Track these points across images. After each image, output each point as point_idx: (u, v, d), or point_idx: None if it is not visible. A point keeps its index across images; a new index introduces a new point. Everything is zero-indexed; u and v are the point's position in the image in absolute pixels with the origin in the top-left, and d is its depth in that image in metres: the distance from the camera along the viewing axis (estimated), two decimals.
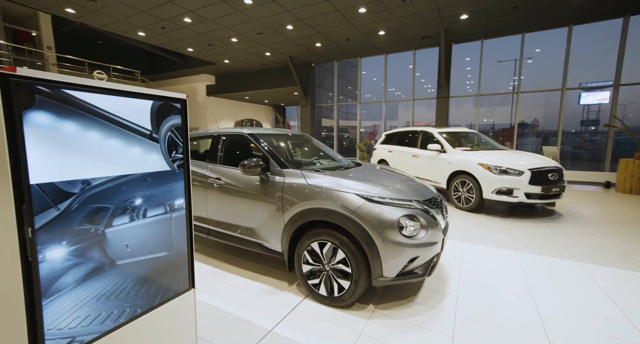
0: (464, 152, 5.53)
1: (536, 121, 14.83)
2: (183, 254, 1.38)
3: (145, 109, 1.18)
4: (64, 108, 0.92)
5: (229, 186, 2.88)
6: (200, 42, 10.06)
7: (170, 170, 1.30)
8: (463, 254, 3.35)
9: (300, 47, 10.31)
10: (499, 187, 4.78)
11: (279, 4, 7.11)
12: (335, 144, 12.94)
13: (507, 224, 4.51)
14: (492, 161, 4.96)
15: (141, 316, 1.22)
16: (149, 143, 1.20)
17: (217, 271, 2.98)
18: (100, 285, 1.07)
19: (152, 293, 1.26)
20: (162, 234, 1.28)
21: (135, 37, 10.00)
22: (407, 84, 11.57)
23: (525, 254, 3.36)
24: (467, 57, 10.96)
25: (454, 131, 6.45)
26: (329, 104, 13.19)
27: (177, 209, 1.34)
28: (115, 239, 1.11)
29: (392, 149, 7.54)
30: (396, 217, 2.14)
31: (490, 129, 13.88)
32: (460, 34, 9.03)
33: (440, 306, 2.33)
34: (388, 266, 2.12)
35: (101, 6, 7.67)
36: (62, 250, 0.95)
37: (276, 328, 2.09)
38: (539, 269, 3.01)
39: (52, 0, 7.51)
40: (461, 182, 5.37)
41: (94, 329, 1.06)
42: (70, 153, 0.95)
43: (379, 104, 11.70)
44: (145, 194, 1.21)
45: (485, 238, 3.89)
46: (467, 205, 5.27)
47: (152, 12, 7.85)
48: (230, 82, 14.90)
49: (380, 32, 8.78)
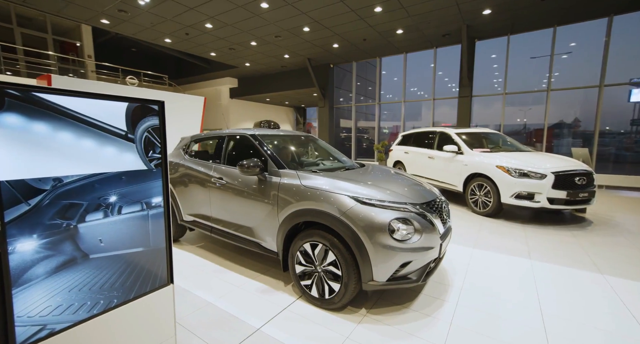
0: (482, 153, 5.26)
1: (577, 121, 13.71)
2: (161, 250, 1.44)
3: (120, 111, 1.24)
4: (34, 110, 1.00)
5: (230, 186, 2.95)
6: (221, 46, 10.42)
7: (147, 169, 1.35)
8: (471, 261, 3.18)
9: (317, 49, 10.35)
10: (519, 191, 4.49)
11: (295, 7, 7.19)
12: (353, 145, 12.84)
13: (526, 231, 4.22)
14: (511, 163, 4.67)
15: (116, 308, 1.28)
16: (124, 143, 1.26)
17: (218, 268, 3.06)
18: (72, 277, 1.14)
19: (128, 286, 1.32)
20: (139, 230, 1.34)
21: (163, 44, 10.57)
22: (430, 84, 11.24)
23: (540, 264, 3.13)
24: (493, 54, 10.44)
25: (474, 132, 6.16)
26: (347, 105, 13.11)
27: (154, 206, 1.39)
28: (88, 234, 1.17)
29: (408, 150, 7.35)
30: (387, 220, 2.08)
31: (523, 129, 13.06)
32: (484, 30, 8.61)
33: (436, 314, 2.23)
34: (378, 270, 2.07)
35: (131, 16, 8.19)
36: (33, 243, 1.03)
37: (264, 327, 2.10)
38: (554, 280, 2.79)
39: (90, 12, 8.13)
40: (478, 186, 5.11)
41: (66, 319, 1.13)
42: (41, 152, 1.02)
43: (401, 104, 11.42)
44: (121, 192, 1.27)
45: (498, 245, 3.67)
46: (484, 209, 5.01)
47: (176, 20, 8.25)
48: (251, 84, 15.29)
49: (398, 31, 8.59)
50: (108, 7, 7.67)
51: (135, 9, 7.63)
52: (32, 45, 12.12)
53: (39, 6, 7.98)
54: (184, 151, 3.72)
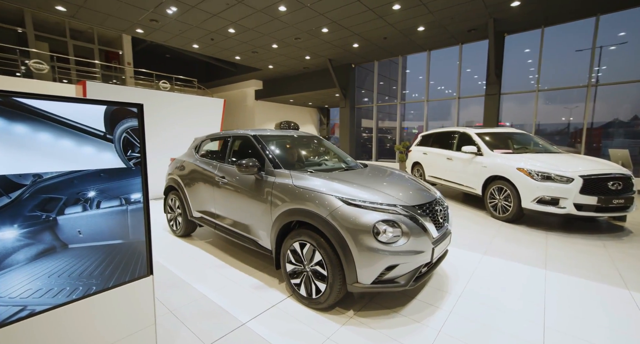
0: (503, 155, 4.94)
1: (637, 119, 12.25)
2: (140, 243, 1.54)
3: (98, 113, 1.35)
4: (14, 114, 1.12)
5: (231, 184, 3.06)
6: (245, 50, 10.78)
7: (125, 167, 1.46)
8: (477, 268, 3.01)
9: (337, 49, 10.34)
10: (541, 196, 4.17)
11: (312, 9, 7.25)
12: (374, 145, 12.64)
13: (548, 239, 3.91)
14: (534, 166, 4.35)
15: (95, 294, 1.40)
16: (102, 143, 1.38)
17: (220, 264, 3.18)
18: (51, 264, 1.26)
19: (107, 275, 1.43)
20: (117, 224, 1.45)
21: (191, 50, 11.16)
22: (455, 81, 10.74)
23: (556, 274, 2.88)
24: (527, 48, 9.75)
25: (497, 132, 5.81)
26: (368, 105, 12.94)
27: (133, 202, 1.50)
28: (67, 226, 1.29)
29: (427, 151, 7.11)
30: (372, 222, 2.04)
31: (566, 128, 12.00)
32: (514, 23, 8.08)
33: (426, 321, 2.15)
34: (362, 272, 2.04)
35: (161, 25, 8.76)
36: (14, 232, 1.15)
37: (250, 322, 2.16)
38: (567, 293, 2.56)
39: (126, 23, 8.82)
40: (498, 189, 4.81)
41: (46, 301, 1.26)
42: (21, 150, 1.15)
43: (431, 103, 11.01)
44: (100, 187, 1.38)
45: (512, 252, 3.43)
46: (504, 214, 4.70)
47: (202, 26, 8.68)
48: (275, 86, 15.64)
49: (419, 28, 8.34)
50: (141, 18, 8.27)
51: (164, 18, 8.15)
52: (82, 55, 13.42)
53: (85, 20, 8.80)
54: (195, 151, 3.91)
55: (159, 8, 7.52)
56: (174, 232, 4.08)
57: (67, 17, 8.66)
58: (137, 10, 7.77)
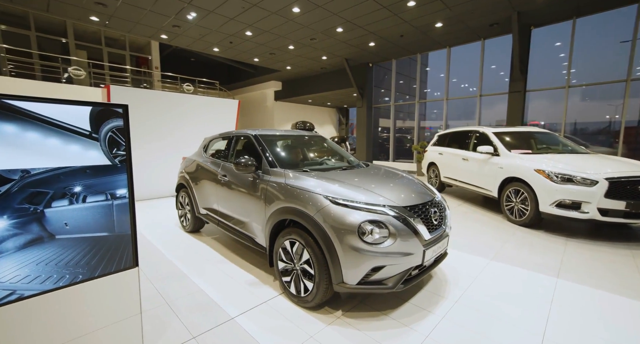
0: (521, 155, 4.67)
1: None
2: (126, 236, 1.63)
3: (84, 114, 1.45)
4: (3, 114, 1.23)
5: (231, 182, 3.15)
6: (262, 52, 11.00)
7: (111, 164, 1.55)
8: (481, 273, 2.87)
9: (353, 48, 10.27)
10: (560, 199, 3.89)
11: (325, 9, 7.26)
12: (391, 145, 12.39)
13: (568, 246, 3.64)
14: (554, 167, 4.07)
15: (81, 282, 1.50)
16: (88, 141, 1.47)
17: (221, 259, 3.28)
18: (39, 253, 1.37)
19: (93, 265, 1.53)
20: (103, 217, 1.54)
21: (212, 53, 11.56)
22: (483, 79, 10.25)
23: (569, 284, 2.68)
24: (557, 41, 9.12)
25: (518, 131, 5.50)
26: (386, 104, 12.71)
27: (119, 197, 1.59)
28: (54, 218, 1.40)
29: (442, 151, 6.88)
30: (358, 222, 2.02)
31: (607, 127, 11.03)
32: (542, 15, 7.58)
33: (415, 325, 2.08)
34: (348, 272, 2.02)
35: (183, 30, 9.16)
36: (3, 222, 1.27)
37: (239, 317, 2.21)
38: (578, 304, 2.37)
39: (151, 29, 9.31)
40: (515, 191, 4.55)
41: (34, 287, 1.37)
42: (10, 148, 1.26)
43: (455, 102, 10.61)
44: (85, 183, 1.48)
45: (523, 258, 3.24)
46: (521, 218, 4.44)
47: (220, 30, 8.97)
48: (294, 87, 15.82)
49: (437, 24, 8.07)
50: (165, 24, 8.69)
51: (185, 23, 8.52)
52: (115, 61, 14.38)
53: (116, 28, 9.41)
54: (204, 150, 4.06)
55: (180, 14, 7.87)
56: (184, 228, 4.26)
57: (101, 26, 9.30)
58: (161, 17, 8.18)
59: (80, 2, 7.55)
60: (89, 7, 7.77)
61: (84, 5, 7.69)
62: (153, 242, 3.79)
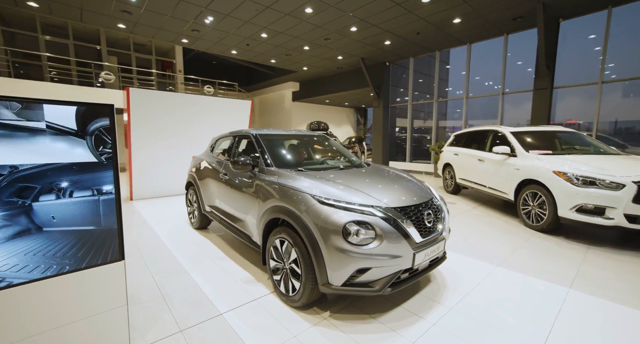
0: (540, 156, 4.38)
1: None
2: (112, 230, 1.70)
3: (70, 114, 1.53)
4: None
5: (231, 181, 3.21)
6: (278, 53, 11.15)
7: (97, 161, 1.63)
8: (484, 280, 2.72)
9: (369, 47, 10.14)
10: (581, 204, 3.60)
11: (338, 8, 7.23)
12: (408, 145, 12.09)
13: (588, 254, 3.37)
14: (575, 169, 3.78)
15: (68, 273, 1.58)
16: (75, 140, 1.55)
17: (222, 256, 3.35)
18: (27, 244, 1.46)
19: (80, 257, 1.61)
20: (89, 211, 1.62)
21: (230, 56, 11.89)
22: (509, 75, 9.74)
23: (582, 295, 2.47)
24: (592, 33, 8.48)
25: (539, 131, 5.19)
26: (403, 104, 12.42)
27: (105, 193, 1.66)
28: (42, 211, 1.49)
29: (458, 151, 6.62)
30: (343, 222, 1.98)
31: None
32: (571, 5, 7.09)
33: (403, 331, 2.01)
34: (333, 272, 1.99)
35: (202, 34, 9.49)
36: None
37: (227, 313, 2.24)
38: (590, 317, 2.18)
39: (173, 34, 9.74)
40: (532, 195, 4.28)
41: (22, 276, 1.46)
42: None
43: (479, 100, 10.18)
44: (72, 179, 1.56)
45: (534, 266, 3.03)
46: (538, 223, 4.17)
47: (237, 33, 9.20)
48: (311, 87, 15.89)
49: (454, 20, 7.78)
50: (184, 28, 9.06)
51: (204, 27, 8.82)
52: (143, 66, 15.20)
53: (141, 34, 9.93)
54: (210, 150, 4.17)
55: (198, 18, 8.16)
56: (192, 225, 4.40)
57: (128, 33, 9.86)
58: (180, 22, 8.52)
59: (108, 11, 8.03)
60: (116, 15, 8.26)
61: (111, 13, 8.17)
62: (162, 238, 3.94)
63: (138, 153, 6.10)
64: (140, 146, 6.08)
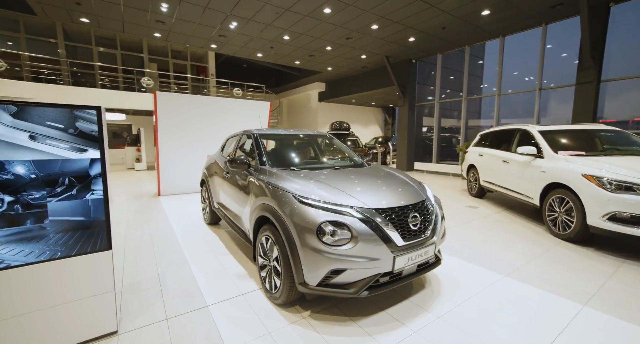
0: (570, 157, 3.96)
1: None
2: (101, 222, 1.85)
3: (62, 115, 1.70)
4: None
5: (232, 179, 3.32)
6: (302, 54, 11.28)
7: (86, 158, 1.78)
8: (485, 290, 2.53)
9: (393, 45, 9.87)
10: (615, 211, 3.20)
11: (357, 7, 7.14)
12: (434, 146, 11.56)
13: (620, 269, 2.99)
14: (609, 172, 3.36)
15: (60, 259, 1.76)
16: (66, 138, 1.72)
17: (224, 251, 3.48)
18: (22, 230, 1.65)
19: (70, 245, 1.78)
20: (80, 204, 1.78)
21: (256, 58, 12.26)
22: (551, 69, 8.92)
23: (596, 314, 2.20)
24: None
25: (573, 130, 4.70)
26: (429, 102, 11.90)
27: (94, 189, 1.82)
28: (35, 204, 1.67)
29: (483, 152, 6.21)
30: (318, 222, 1.96)
31: None
32: None
33: (380, 337, 1.94)
34: (308, 272, 1.98)
35: (228, 39, 9.91)
36: None
37: (212, 306, 2.32)
38: (597, 340, 1.93)
39: (203, 40, 10.28)
40: (559, 200, 3.89)
41: (20, 259, 1.65)
42: None
43: (516, 97, 9.48)
44: (63, 174, 1.73)
45: (548, 278, 2.75)
46: (564, 232, 3.77)
47: (260, 36, 9.48)
48: (336, 87, 15.86)
49: (483, 12, 7.30)
50: (212, 34, 9.53)
51: (229, 32, 9.21)
52: (179, 71, 16.29)
53: (175, 41, 10.64)
54: (221, 149, 4.35)
55: (223, 24, 8.54)
56: (205, 220, 4.62)
57: (164, 40, 10.62)
58: (208, 29, 8.99)
59: (145, 22, 8.71)
60: (152, 25, 8.93)
61: (148, 24, 8.85)
62: (175, 232, 4.19)
63: (165, 152, 6.56)
64: (167, 145, 6.53)
